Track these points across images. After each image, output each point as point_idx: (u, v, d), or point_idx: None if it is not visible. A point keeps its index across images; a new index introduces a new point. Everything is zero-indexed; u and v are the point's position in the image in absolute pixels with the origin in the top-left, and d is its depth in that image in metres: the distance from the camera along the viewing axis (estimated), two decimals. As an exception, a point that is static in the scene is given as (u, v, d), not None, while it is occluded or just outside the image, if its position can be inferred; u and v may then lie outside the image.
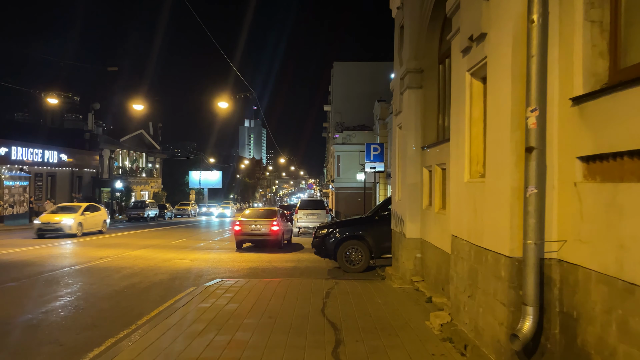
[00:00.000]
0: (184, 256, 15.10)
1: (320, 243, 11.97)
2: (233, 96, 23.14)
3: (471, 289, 5.12)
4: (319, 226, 12.36)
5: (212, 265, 13.06)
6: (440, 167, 7.83)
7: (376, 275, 11.41)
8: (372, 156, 17.92)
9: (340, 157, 54.69)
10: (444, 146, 7.47)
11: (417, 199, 9.01)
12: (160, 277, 10.94)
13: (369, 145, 18.19)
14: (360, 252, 11.68)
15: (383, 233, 11.58)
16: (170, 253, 15.88)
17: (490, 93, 4.77)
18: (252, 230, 17.45)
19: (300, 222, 24.36)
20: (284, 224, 18.86)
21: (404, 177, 9.39)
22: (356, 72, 58.82)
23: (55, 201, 38.09)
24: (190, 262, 13.64)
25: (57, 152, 37.88)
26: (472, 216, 5.13)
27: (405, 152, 9.33)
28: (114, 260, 13.91)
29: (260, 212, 19.04)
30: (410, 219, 9.05)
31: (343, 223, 12.35)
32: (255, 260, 14.39)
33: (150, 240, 20.76)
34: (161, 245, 18.34)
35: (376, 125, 47.81)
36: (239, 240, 17.70)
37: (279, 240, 17.67)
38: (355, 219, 12.71)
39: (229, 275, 11.34)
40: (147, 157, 57.98)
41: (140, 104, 24.52)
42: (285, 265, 13.11)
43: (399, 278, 9.50)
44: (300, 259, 14.70)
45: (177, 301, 7.94)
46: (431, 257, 8.20)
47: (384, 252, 11.63)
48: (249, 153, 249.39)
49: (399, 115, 10.01)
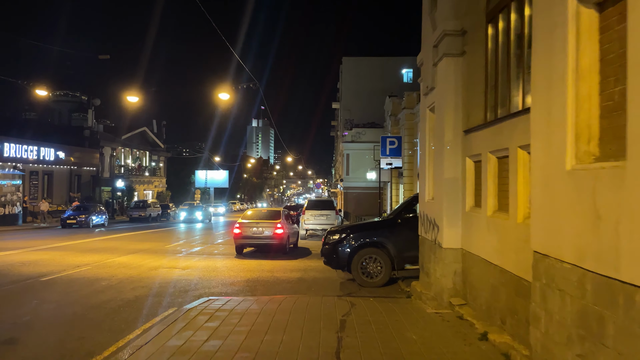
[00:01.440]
0: (175, 263, 13.19)
1: (332, 251, 10.00)
2: (236, 87, 21.22)
3: (587, 345, 3.12)
4: (329, 231, 10.37)
5: (205, 276, 11.13)
6: (495, 154, 5.82)
7: (399, 290, 9.41)
8: (388, 150, 15.90)
9: (349, 155, 52.58)
10: (504, 125, 5.47)
11: (456, 198, 7.01)
12: (137, 293, 9.02)
13: (384, 138, 16.15)
14: (380, 263, 9.69)
15: (407, 240, 9.59)
16: (160, 259, 13.98)
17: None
18: (253, 233, 15.51)
19: (307, 223, 22.39)
20: (290, 226, 16.91)
21: (439, 170, 7.39)
22: (366, 67, 56.67)
23: (52, 201, 36.53)
24: (180, 272, 11.72)
25: (53, 150, 36.23)
26: (588, 226, 3.13)
27: (440, 139, 7.33)
28: (93, 268, 12.03)
29: (263, 213, 17.08)
30: (448, 223, 7.05)
31: (358, 227, 10.35)
32: (255, 269, 12.45)
33: (143, 243, 18.90)
34: (153, 250, 16.45)
35: (387, 122, 45.67)
36: (238, 244, 15.77)
37: (283, 245, 15.71)
38: (373, 223, 10.71)
39: (220, 290, 9.39)
40: (151, 155, 56.32)
41: (135, 96, 22.69)
42: (289, 277, 11.14)
43: (432, 298, 7.50)
44: (307, 267, 12.73)
45: (144, 332, 6.01)
46: (481, 276, 6.19)
47: (408, 263, 9.64)
48: (256, 153, 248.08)
49: (431, 93, 8.00)
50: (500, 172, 5.76)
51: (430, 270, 7.89)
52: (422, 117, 9.04)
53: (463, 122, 6.96)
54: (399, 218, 9.86)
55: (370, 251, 9.73)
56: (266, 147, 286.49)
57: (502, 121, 5.55)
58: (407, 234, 9.61)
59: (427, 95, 8.36)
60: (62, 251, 15.64)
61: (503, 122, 5.51)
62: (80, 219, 29.87)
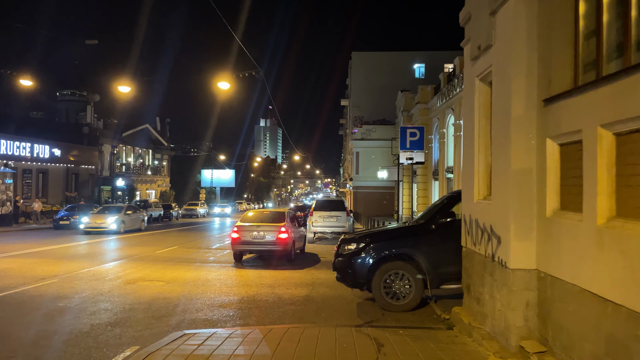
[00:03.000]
0: (159, 274, 11.17)
1: (347, 265, 7.89)
2: (238, 76, 19.22)
3: None
4: (343, 239, 8.25)
5: (191, 293, 9.08)
6: (614, 129, 3.70)
7: (434, 317, 7.30)
8: (408, 143, 13.77)
9: (359, 153, 50.50)
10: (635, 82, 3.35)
11: (529, 197, 4.90)
12: (96, 320, 6.99)
13: (404, 129, 14.03)
14: (408, 280, 7.58)
15: (444, 251, 7.50)
16: (143, 269, 11.97)
17: None
18: (253, 238, 13.46)
19: (315, 225, 20.28)
20: (295, 230, 14.84)
21: (501, 159, 5.28)
22: (376, 62, 54.52)
23: (47, 200, 34.76)
24: (161, 287, 9.69)
25: (48, 147, 34.43)
26: None
27: (502, 116, 5.23)
28: (59, 282, 10.03)
29: (265, 215, 14.99)
30: (517, 234, 4.94)
31: (380, 235, 8.22)
32: (254, 282, 10.38)
33: (132, 248, 16.92)
34: (140, 257, 14.46)
35: (399, 119, 43.45)
36: (237, 251, 13.73)
37: (288, 252, 13.65)
38: (399, 229, 8.53)
39: (205, 316, 7.33)
40: (154, 153, 54.54)
41: (128, 86, 20.71)
42: (293, 294, 9.05)
43: (490, 337, 5.39)
44: (315, 280, 10.64)
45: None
46: (582, 316, 4.07)
47: (445, 281, 7.53)
48: (264, 152, 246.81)
49: (485, 56, 5.89)
50: (622, 157, 3.64)
51: (483, 296, 5.78)
52: (466, 93, 6.91)
53: (541, 88, 4.85)
54: (433, 223, 7.73)
55: (396, 265, 7.62)
56: (274, 147, 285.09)
57: (632, 74, 3.42)
58: (444, 243, 7.51)
59: (476, 60, 6.23)
60: (36, 258, 13.68)
61: (633, 75, 3.39)
62: (73, 220, 28.06)
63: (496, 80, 5.51)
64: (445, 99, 28.85)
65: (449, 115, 28.69)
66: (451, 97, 27.62)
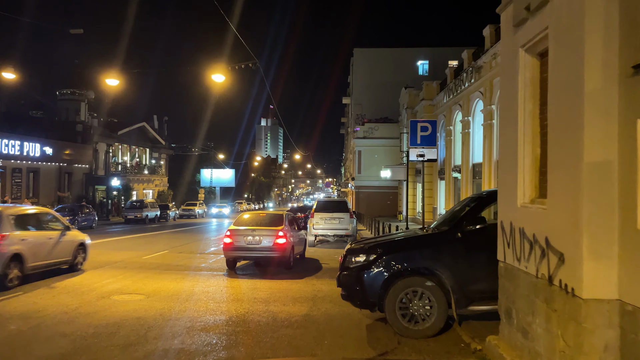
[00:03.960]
0: (140, 286, 9.87)
1: (354, 281, 6.55)
2: (234, 67, 17.91)
3: None
4: (350, 249, 6.89)
5: (170, 311, 7.77)
6: None
7: (461, 346, 5.98)
8: (419, 139, 12.43)
9: (361, 152, 49.14)
10: None
11: (609, 202, 3.59)
12: (48, 349, 5.69)
13: (414, 123, 12.68)
14: (429, 300, 6.26)
15: (473, 264, 6.19)
16: (124, 279, 10.68)
17: None
18: (248, 243, 12.14)
19: (316, 228, 18.94)
20: (295, 233, 13.52)
21: (567, 150, 3.95)
22: (378, 59, 53.15)
23: (38, 201, 33.47)
24: (138, 303, 8.38)
25: (39, 145, 33.18)
26: None
27: (573, 91, 3.90)
28: (22, 296, 8.74)
29: (261, 217, 13.65)
30: (592, 251, 3.63)
31: (394, 245, 6.86)
32: (246, 296, 9.07)
33: (119, 252, 15.62)
34: (125, 263, 13.16)
35: (402, 116, 42.12)
36: (229, 257, 12.43)
37: (286, 258, 12.34)
38: (417, 238, 7.10)
39: (181, 344, 6.00)
40: (151, 152, 53.23)
41: (116, 79, 19.37)
42: (291, 313, 7.73)
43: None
44: (316, 293, 9.32)
45: None
46: None
47: (474, 300, 6.21)
48: (265, 152, 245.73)
49: (536, 17, 4.56)
50: None
51: (533, 328, 4.46)
52: (505, 70, 5.57)
53: (625, 52, 3.52)
54: (458, 230, 6.39)
55: (415, 282, 6.30)
56: (275, 147, 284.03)
57: None
58: (473, 255, 6.20)
59: (521, 26, 4.91)
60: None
61: None
62: (63, 221, 26.80)
63: (555, 47, 4.18)
64: (453, 95, 27.52)
65: (456, 112, 27.36)
66: (459, 92, 26.29)
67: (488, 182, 21.80)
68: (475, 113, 24.75)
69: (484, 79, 22.33)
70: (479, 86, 23.26)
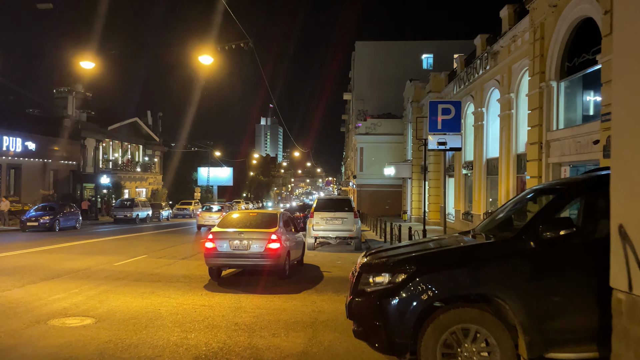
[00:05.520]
0: (94, 304, 7.79)
1: (373, 312, 4.43)
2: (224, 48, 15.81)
3: None
4: (367, 263, 4.71)
5: (116, 347, 5.69)
6: None
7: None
8: (439, 123, 10.33)
9: (363, 149, 47.00)
10: None
11: None
12: None
13: (434, 104, 10.57)
14: (486, 343, 4.16)
15: (557, 290, 4.10)
16: (79, 294, 8.60)
17: None
18: (234, 249, 10.07)
19: (316, 229, 16.85)
20: (291, 236, 11.43)
21: None
22: (381, 53, 50.96)
23: (20, 199, 31.38)
24: (80, 331, 6.29)
25: (21, 140, 31.09)
26: None
27: None
28: None
29: (252, 217, 11.49)
30: None
31: (433, 259, 4.61)
32: (225, 321, 6.97)
33: (88, 258, 13.53)
34: (90, 272, 11.08)
35: (407, 111, 40.00)
36: (212, 266, 10.36)
37: (280, 267, 10.27)
38: (465, 249, 4.84)
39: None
40: (145, 149, 51.09)
41: (92, 61, 17.20)
42: (281, 349, 5.63)
43: None
44: (317, 316, 7.24)
45: None
46: None
47: (558, 342, 4.11)
48: (265, 151, 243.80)
49: None
50: None
51: None
52: (621, 12, 3.46)
53: None
54: (532, 237, 4.28)
55: (466, 315, 4.20)
56: (274, 146, 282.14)
57: None
58: (555, 276, 4.11)
59: None
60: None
61: None
62: (43, 221, 24.74)
63: None
64: (464, 85, 25.42)
65: (467, 104, 25.22)
66: (471, 81, 24.19)
67: (506, 179, 19.74)
68: (490, 103, 22.67)
69: (501, 65, 20.25)
70: (494, 73, 21.18)
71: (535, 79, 15.58)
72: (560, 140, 14.43)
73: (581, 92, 14.63)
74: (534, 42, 15.68)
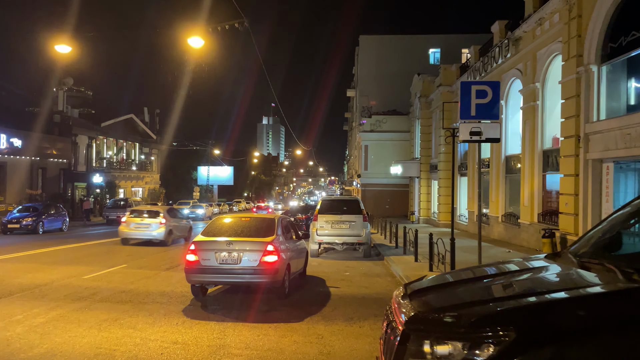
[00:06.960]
0: (32, 340, 5.92)
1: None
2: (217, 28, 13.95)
3: None
4: (414, 317, 2.82)
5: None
6: None
7: None
8: (473, 109, 8.44)
9: (368, 147, 45.06)
10: None
11: None
12: None
13: (467, 85, 8.67)
14: None
15: None
16: (19, 323, 6.73)
17: None
18: (222, 262, 8.18)
19: (321, 234, 14.95)
20: (292, 245, 9.53)
21: None
22: (386, 47, 48.98)
23: (5, 199, 29.59)
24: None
25: (6, 136, 29.28)
26: None
27: None
28: None
29: (244, 223, 9.49)
30: None
31: (544, 312, 2.64)
32: (201, 368, 5.10)
33: (53, 269, 11.66)
34: (45, 290, 9.20)
35: (415, 106, 38.06)
36: (194, 283, 8.48)
37: (279, 284, 8.37)
38: (608, 296, 2.80)
39: None
40: (141, 147, 49.25)
41: (68, 45, 15.34)
42: None
43: None
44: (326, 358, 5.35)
45: None
46: None
47: None
48: (267, 151, 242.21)
49: None
50: None
51: None
52: None
53: None
54: None
55: None
56: (276, 145, 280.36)
57: None
58: None
59: None
60: None
61: None
62: (25, 223, 22.91)
63: None
64: (479, 76, 23.43)
65: (483, 96, 23.28)
66: (488, 72, 22.23)
67: (530, 177, 17.81)
68: (510, 96, 20.74)
69: (524, 52, 18.32)
70: (516, 62, 19.24)
71: (571, 63, 13.65)
72: (602, 132, 12.50)
73: (626, 77, 12.71)
74: (569, 22, 13.75)
